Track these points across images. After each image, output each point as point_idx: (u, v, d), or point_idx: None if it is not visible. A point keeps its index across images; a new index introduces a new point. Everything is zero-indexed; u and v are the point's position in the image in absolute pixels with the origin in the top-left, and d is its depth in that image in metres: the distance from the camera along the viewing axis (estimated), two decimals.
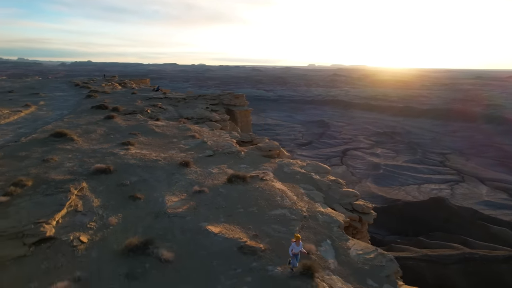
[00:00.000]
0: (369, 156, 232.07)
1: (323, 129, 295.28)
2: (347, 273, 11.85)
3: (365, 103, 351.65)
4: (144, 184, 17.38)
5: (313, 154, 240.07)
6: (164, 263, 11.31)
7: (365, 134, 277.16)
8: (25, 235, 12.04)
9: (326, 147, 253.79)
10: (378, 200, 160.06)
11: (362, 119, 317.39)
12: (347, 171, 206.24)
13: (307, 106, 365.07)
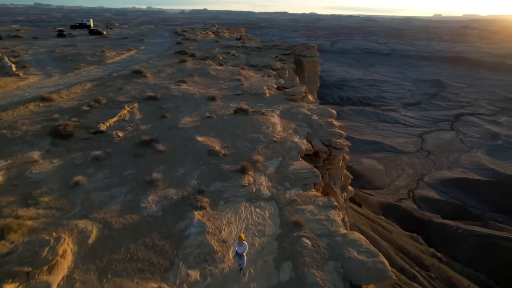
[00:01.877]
0: (488, 124, 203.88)
1: (437, 89, 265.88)
2: (275, 177, 16.51)
3: (498, 62, 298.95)
4: (175, 109, 24.03)
5: (419, 115, 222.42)
6: (158, 152, 17.80)
7: (488, 99, 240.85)
8: (89, 127, 19.85)
9: (436, 110, 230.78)
10: (487, 173, 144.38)
11: (489, 80, 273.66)
12: (456, 138, 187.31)
13: (423, 63, 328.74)
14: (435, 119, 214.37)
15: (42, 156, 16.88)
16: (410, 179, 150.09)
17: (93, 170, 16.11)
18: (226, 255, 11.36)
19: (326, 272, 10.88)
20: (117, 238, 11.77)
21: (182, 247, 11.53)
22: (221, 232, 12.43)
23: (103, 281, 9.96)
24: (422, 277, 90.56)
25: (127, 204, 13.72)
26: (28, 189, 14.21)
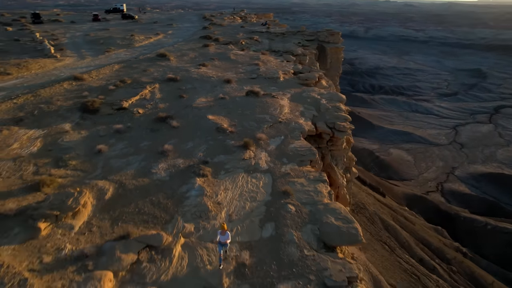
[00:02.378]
0: None
1: (477, 79, 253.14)
2: (275, 154, 18.05)
3: None
4: (192, 90, 25.94)
5: (454, 106, 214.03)
6: (172, 127, 19.80)
7: None
8: (114, 104, 22.17)
9: (474, 101, 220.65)
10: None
11: None
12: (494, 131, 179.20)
13: (463, 51, 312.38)
14: (471, 111, 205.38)
15: (72, 128, 19.37)
16: (440, 172, 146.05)
17: (114, 140, 18.37)
18: (218, 214, 13.18)
19: (303, 233, 12.45)
20: (129, 196, 13.89)
21: (182, 206, 13.47)
22: (217, 196, 14.25)
23: (114, 227, 12.08)
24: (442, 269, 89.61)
25: (140, 169, 15.82)
26: (60, 154, 16.65)
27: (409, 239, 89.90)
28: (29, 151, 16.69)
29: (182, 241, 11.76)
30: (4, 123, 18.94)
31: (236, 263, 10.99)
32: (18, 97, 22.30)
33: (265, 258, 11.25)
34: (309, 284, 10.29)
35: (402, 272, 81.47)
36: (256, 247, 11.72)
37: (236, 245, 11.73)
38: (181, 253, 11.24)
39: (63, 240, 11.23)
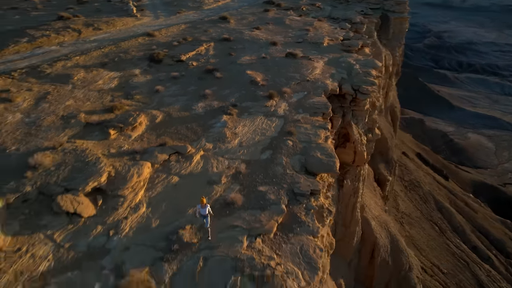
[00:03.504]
0: None
1: None
2: (294, 105, 21.48)
3: None
4: (241, 50, 29.91)
5: None
6: (215, 78, 24.25)
7: None
8: (174, 57, 27.23)
9: None
10: None
11: None
12: None
13: None
14: None
15: (140, 72, 24.88)
16: None
17: (170, 84, 23.43)
18: (232, 141, 17.44)
19: (291, 159, 16.17)
20: (172, 122, 18.81)
21: (208, 132, 18.00)
22: (236, 129, 18.47)
23: (157, 139, 17.07)
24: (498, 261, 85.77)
25: (184, 106, 20.63)
26: (129, 90, 22.19)
27: (465, 224, 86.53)
28: (108, 86, 22.54)
29: (202, 153, 16.33)
30: (94, 66, 25.15)
31: (235, 171, 15.25)
32: (105, 47, 28.54)
33: (256, 171, 15.33)
34: (281, 189, 14.18)
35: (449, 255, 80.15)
36: (253, 164, 15.82)
37: (239, 161, 15.95)
38: (198, 160, 15.85)
39: (123, 142, 16.54)
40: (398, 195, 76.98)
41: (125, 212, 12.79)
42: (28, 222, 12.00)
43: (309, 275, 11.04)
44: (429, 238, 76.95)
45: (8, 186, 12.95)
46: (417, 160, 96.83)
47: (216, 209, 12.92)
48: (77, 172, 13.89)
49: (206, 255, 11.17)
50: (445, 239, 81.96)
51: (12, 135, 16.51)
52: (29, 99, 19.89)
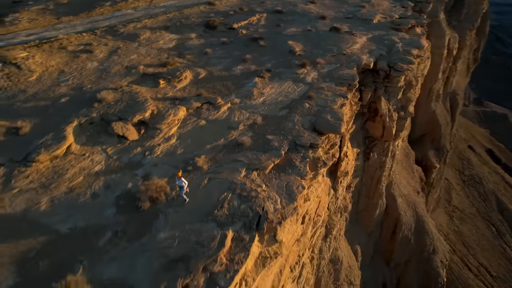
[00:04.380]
0: None
1: None
2: (323, 75, 23.33)
3: None
4: (290, 22, 31.90)
5: None
6: (259, 45, 26.93)
7: None
8: (227, 25, 30.26)
9: None
10: None
11: None
12: None
13: None
14: None
15: (196, 36, 28.47)
16: None
17: (218, 48, 26.67)
18: (257, 99, 20.24)
19: (303, 118, 18.55)
20: (212, 79, 22.13)
21: (239, 90, 21.00)
22: (263, 89, 21.20)
23: (195, 91, 20.54)
24: None
25: (225, 67, 23.79)
26: (183, 50, 25.92)
27: None
28: (167, 46, 26.52)
29: (229, 105, 19.48)
30: (159, 28, 29.33)
31: (253, 122, 18.15)
32: (170, 13, 32.60)
33: (269, 124, 18.07)
34: (285, 139, 16.80)
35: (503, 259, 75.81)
36: (269, 118, 18.56)
37: (258, 115, 18.78)
38: (225, 110, 19.03)
39: (168, 90, 20.32)
40: (452, 188, 73.56)
41: (159, 141, 16.57)
42: (91, 137, 16.38)
43: (286, 203, 13.77)
44: (481, 238, 73.09)
45: (81, 112, 17.49)
46: (484, 156, 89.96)
47: (228, 147, 16.12)
48: (129, 107, 17.97)
49: (210, 177, 14.46)
50: (501, 242, 77.10)
51: (89, 77, 21.24)
52: (104, 51, 24.65)
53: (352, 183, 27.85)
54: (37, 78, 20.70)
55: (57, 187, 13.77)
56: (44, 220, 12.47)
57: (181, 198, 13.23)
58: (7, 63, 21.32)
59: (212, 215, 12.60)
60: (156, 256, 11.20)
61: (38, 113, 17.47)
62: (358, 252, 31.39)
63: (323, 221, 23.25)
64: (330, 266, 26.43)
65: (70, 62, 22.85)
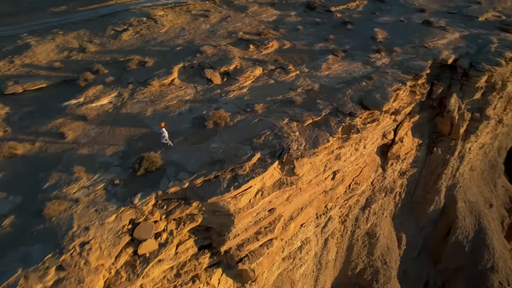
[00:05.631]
0: None
1: None
2: (394, 62, 25.17)
3: None
4: (387, 11, 33.38)
5: None
6: (346, 29, 29.78)
7: None
8: (325, 7, 33.55)
9: None
10: None
11: None
12: None
13: None
14: None
15: (295, 15, 32.67)
16: None
17: (309, 27, 30.45)
18: (323, 72, 23.74)
19: (355, 93, 21.50)
20: (292, 50, 26.31)
21: (311, 62, 24.78)
22: (332, 66, 24.51)
23: (276, 56, 25.05)
24: None
25: (308, 43, 27.60)
26: (279, 25, 30.47)
27: None
28: (267, 19, 31.44)
29: (297, 72, 23.56)
30: (266, 4, 34.37)
31: (310, 87, 21.91)
32: None
33: (323, 91, 21.62)
34: (330, 105, 20.27)
35: None
36: (325, 87, 22.07)
37: (318, 84, 22.43)
38: (292, 76, 23.20)
39: (254, 54, 25.32)
40: None
41: (235, 88, 21.83)
42: (189, 76, 22.57)
43: (308, 147, 17.63)
44: None
45: (186, 58, 23.83)
46: None
47: (282, 102, 20.50)
48: (220, 60, 23.59)
49: (260, 118, 19.11)
50: None
51: (200, 36, 27.62)
52: (217, 18, 30.88)
53: (409, 171, 29.16)
54: (165, 31, 27.97)
55: (159, 104, 20.24)
56: (147, 121, 18.95)
57: (224, 127, 18.42)
58: (149, 18, 29.10)
59: (250, 141, 17.35)
60: (205, 155, 16.55)
61: (159, 54, 24.46)
62: (402, 240, 32.62)
63: (363, 191, 25.97)
64: (366, 238, 28.88)
65: (190, 22, 29.68)
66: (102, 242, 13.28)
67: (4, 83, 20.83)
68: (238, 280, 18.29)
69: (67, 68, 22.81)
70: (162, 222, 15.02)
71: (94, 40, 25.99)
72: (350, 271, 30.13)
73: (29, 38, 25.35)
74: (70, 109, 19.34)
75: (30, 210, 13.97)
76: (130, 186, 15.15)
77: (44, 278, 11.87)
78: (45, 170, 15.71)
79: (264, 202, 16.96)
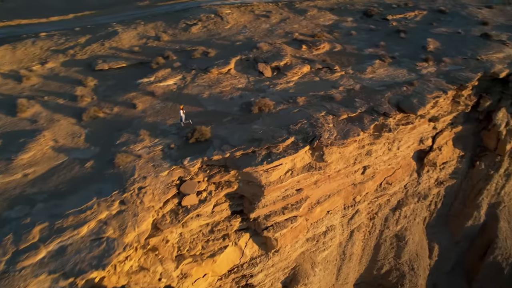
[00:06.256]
0: None
1: None
2: (440, 72, 25.83)
3: None
4: (445, 22, 33.53)
5: None
6: (399, 37, 30.76)
7: None
8: (382, 15, 34.67)
9: None
10: None
11: None
12: None
13: None
14: None
15: (351, 21, 34.28)
16: None
17: (363, 33, 31.93)
18: (367, 75, 25.29)
19: (393, 96, 22.84)
20: (342, 53, 28.13)
21: (357, 65, 26.43)
22: (378, 69, 25.93)
23: (325, 58, 27.11)
24: None
25: (358, 47, 29.20)
26: (335, 29, 32.36)
27: None
28: (323, 23, 33.51)
29: (342, 73, 25.42)
30: (325, 9, 36.42)
31: (352, 87, 23.62)
32: None
33: (363, 92, 23.24)
34: (366, 104, 21.88)
35: None
36: (366, 88, 23.66)
37: (360, 84, 24.07)
38: (337, 75, 25.07)
39: (305, 53, 27.59)
40: None
41: (282, 81, 24.36)
42: (243, 68, 25.56)
43: (338, 138, 19.54)
44: None
45: (244, 52, 26.86)
46: None
47: (323, 97, 22.57)
48: (273, 56, 26.27)
49: (300, 109, 21.38)
50: None
51: (259, 34, 30.58)
52: (277, 19, 33.64)
53: (447, 181, 29.34)
54: (229, 28, 31.37)
55: (215, 88, 23.45)
56: (202, 101, 22.21)
57: (267, 113, 21.12)
58: (216, 15, 32.76)
59: (287, 127, 19.75)
60: (247, 134, 19.28)
61: (221, 47, 27.82)
62: (434, 250, 32.59)
63: (395, 192, 26.98)
64: (394, 240, 29.63)
65: (252, 21, 32.79)
66: (155, 190, 16.53)
67: (95, 61, 25.50)
68: (263, 248, 20.78)
69: (143, 52, 27.06)
70: (204, 183, 18.00)
71: (168, 31, 30.18)
72: (376, 270, 31.03)
73: (117, 26, 30.24)
74: (142, 86, 23.27)
75: (105, 158, 17.71)
76: (182, 150, 18.34)
77: (110, 208, 15.32)
78: (118, 130, 19.51)
79: (293, 181, 19.26)
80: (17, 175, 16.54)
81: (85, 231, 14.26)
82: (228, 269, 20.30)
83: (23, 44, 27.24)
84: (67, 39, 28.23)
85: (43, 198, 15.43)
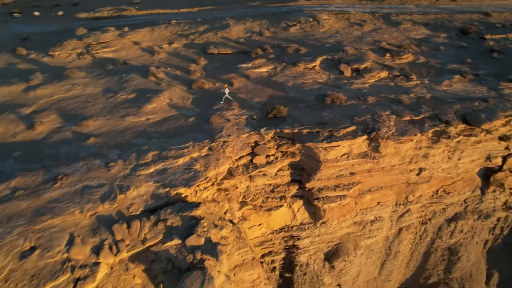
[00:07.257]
0: None
1: None
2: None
3: None
4: None
5: None
6: (491, 57, 30.99)
7: None
8: (480, 34, 34.76)
9: None
10: None
11: None
12: None
13: None
14: None
15: (444, 37, 35.15)
16: None
17: (453, 49, 32.76)
18: (442, 87, 26.79)
19: (461, 108, 24.20)
20: (423, 65, 29.80)
21: (435, 77, 28.01)
22: (455, 84, 27.19)
23: (404, 66, 29.25)
24: None
25: (443, 62, 30.43)
26: (422, 42, 33.78)
27: None
28: (415, 37, 35.10)
29: (418, 82, 27.36)
30: (420, 23, 37.78)
31: (422, 96, 25.61)
32: (441, 14, 39.64)
33: (432, 101, 25.01)
34: (431, 111, 23.80)
35: None
36: (435, 98, 25.34)
37: (431, 94, 25.85)
38: (412, 84, 27.19)
39: (387, 61, 30.06)
40: None
41: (359, 82, 27.52)
42: (327, 67, 29.34)
43: (395, 134, 22.07)
44: None
45: (330, 53, 30.55)
46: None
47: (392, 99, 25.13)
48: (356, 59, 29.46)
49: (368, 106, 24.35)
50: None
51: (349, 39, 33.90)
52: (369, 28, 36.39)
53: None
54: (323, 31, 35.32)
55: (298, 80, 27.74)
56: (286, 88, 26.69)
57: (337, 105, 24.50)
58: (314, 19, 36.94)
59: (352, 118, 23.05)
60: (316, 118, 23.14)
61: (311, 47, 31.97)
62: (493, 278, 31.84)
63: (452, 203, 27.89)
64: (446, 253, 30.14)
65: (345, 28, 36.16)
66: (235, 145, 21.53)
67: (208, 46, 31.94)
68: (312, 217, 24.42)
69: (247, 43, 32.70)
70: (273, 150, 22.43)
71: (270, 29, 35.44)
72: (423, 279, 31.87)
73: (230, 20, 36.58)
74: (241, 69, 28.73)
75: (203, 117, 23.35)
76: (261, 122, 23.05)
77: (201, 150, 20.72)
78: (215, 99, 25.07)
79: (348, 164, 22.51)
80: (143, 118, 23.07)
81: (181, 162, 19.79)
82: (280, 227, 24.43)
83: (158, 28, 35.21)
84: (190, 27, 35.47)
85: (157, 135, 21.50)
